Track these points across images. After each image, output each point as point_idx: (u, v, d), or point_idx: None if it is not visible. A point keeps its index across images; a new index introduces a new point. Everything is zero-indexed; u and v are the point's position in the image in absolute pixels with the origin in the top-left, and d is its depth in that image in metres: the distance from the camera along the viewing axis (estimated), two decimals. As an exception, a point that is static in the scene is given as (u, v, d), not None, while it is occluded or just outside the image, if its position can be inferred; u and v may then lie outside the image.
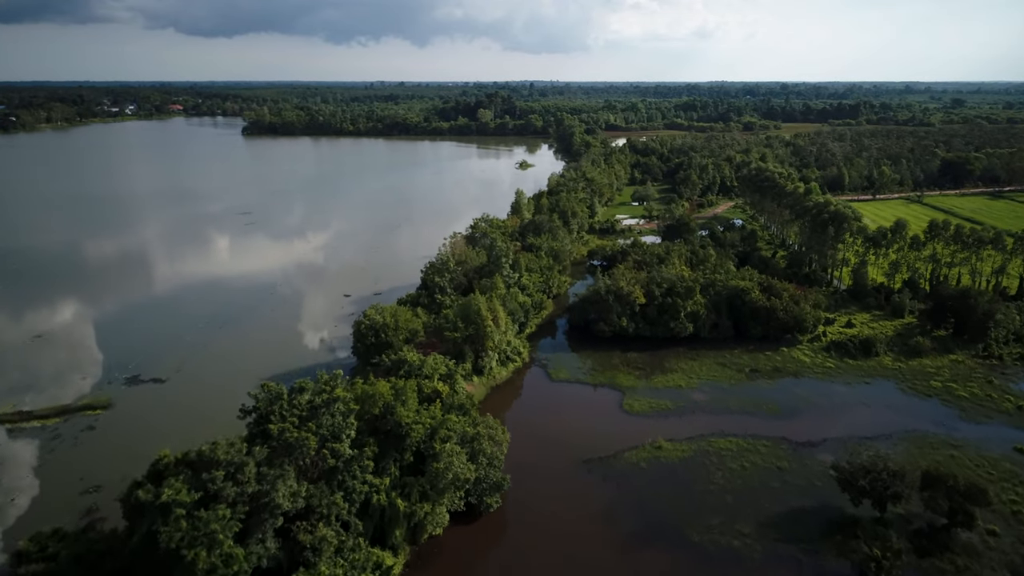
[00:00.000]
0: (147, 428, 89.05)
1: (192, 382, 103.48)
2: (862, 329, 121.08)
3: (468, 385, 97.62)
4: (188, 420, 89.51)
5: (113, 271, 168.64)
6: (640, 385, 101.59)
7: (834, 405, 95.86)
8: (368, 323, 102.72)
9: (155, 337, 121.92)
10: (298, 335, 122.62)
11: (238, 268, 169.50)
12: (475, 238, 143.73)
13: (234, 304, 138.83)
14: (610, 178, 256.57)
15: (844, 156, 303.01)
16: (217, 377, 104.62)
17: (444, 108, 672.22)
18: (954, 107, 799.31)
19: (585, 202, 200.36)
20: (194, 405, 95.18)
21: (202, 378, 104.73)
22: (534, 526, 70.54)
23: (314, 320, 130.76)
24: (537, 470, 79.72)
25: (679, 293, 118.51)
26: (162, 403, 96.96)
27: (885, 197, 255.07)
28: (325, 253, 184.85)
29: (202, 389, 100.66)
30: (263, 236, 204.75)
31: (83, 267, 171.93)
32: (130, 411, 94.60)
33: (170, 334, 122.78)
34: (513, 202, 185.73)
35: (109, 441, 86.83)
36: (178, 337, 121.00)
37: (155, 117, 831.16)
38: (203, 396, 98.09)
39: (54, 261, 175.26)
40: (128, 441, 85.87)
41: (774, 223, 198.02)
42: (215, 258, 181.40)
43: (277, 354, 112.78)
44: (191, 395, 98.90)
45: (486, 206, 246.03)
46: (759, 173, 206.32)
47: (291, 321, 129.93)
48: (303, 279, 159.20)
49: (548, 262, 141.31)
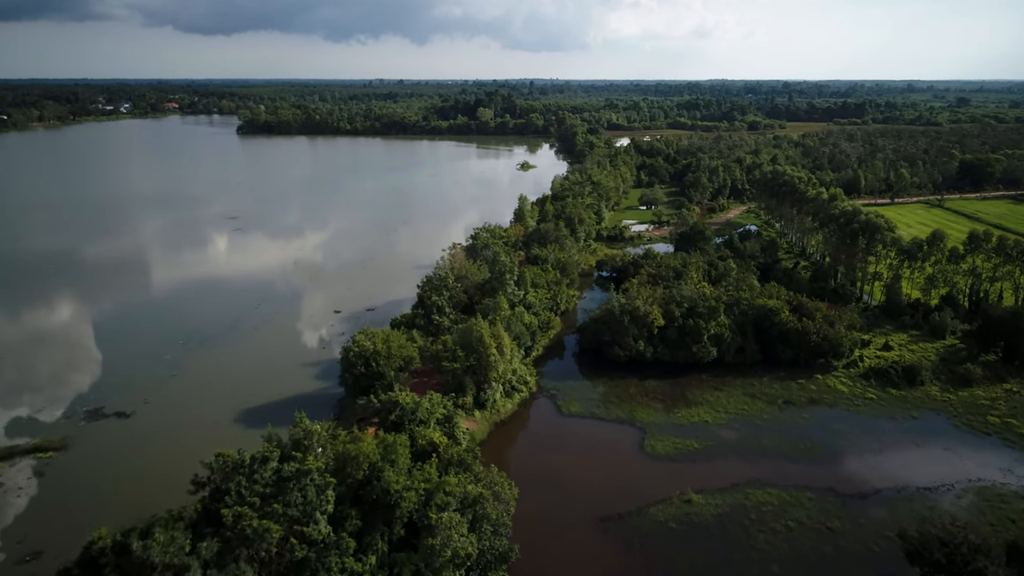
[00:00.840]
0: (101, 477, 78.07)
1: (160, 417, 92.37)
2: (902, 353, 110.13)
3: (469, 422, 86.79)
4: (149, 469, 78.46)
5: (82, 283, 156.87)
6: (662, 420, 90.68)
7: (881, 445, 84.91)
8: (357, 351, 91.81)
9: (125, 359, 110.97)
10: (282, 359, 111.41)
11: (221, 280, 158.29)
12: (476, 250, 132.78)
13: (215, 321, 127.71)
14: (616, 181, 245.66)
15: (858, 157, 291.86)
16: (188, 411, 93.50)
17: (443, 107, 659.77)
18: (959, 106, 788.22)
19: (592, 208, 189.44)
20: (159, 448, 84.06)
21: (171, 412, 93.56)
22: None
23: (300, 341, 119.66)
24: (548, 530, 68.76)
25: (701, 313, 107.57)
26: (123, 444, 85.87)
27: (904, 201, 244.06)
28: (316, 262, 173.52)
29: (170, 427, 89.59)
30: (250, 244, 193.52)
31: (48, 278, 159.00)
32: (86, 454, 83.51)
33: (142, 355, 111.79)
34: (516, 208, 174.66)
35: (57, 493, 75.78)
36: (151, 359, 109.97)
37: (150, 115, 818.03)
38: (170, 436, 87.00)
39: (17, 270, 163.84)
40: (78, 494, 74.88)
41: (792, 230, 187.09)
42: (197, 268, 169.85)
43: (257, 382, 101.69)
44: (157, 434, 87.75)
45: (486, 210, 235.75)
46: (776, 177, 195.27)
47: (275, 342, 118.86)
48: (291, 292, 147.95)
49: (555, 276, 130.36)
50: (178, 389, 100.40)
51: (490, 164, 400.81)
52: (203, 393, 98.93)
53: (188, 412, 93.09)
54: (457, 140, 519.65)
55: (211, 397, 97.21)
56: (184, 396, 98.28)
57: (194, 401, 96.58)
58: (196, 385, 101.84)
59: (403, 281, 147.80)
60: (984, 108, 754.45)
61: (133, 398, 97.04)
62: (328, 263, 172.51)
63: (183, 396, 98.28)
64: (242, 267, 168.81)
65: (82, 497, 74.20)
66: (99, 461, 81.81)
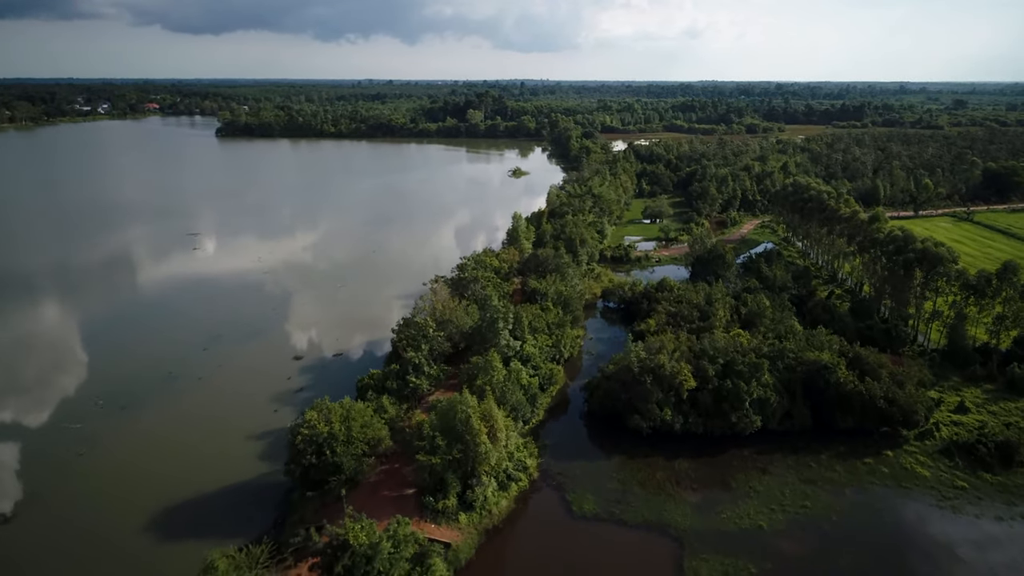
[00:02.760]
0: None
1: (51, 523, 70.78)
2: (983, 417, 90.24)
3: (451, 531, 65.90)
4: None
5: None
6: (702, 525, 70.03)
7: (996, 567, 64.57)
8: (307, 434, 70.65)
9: (17, 434, 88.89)
10: (222, 430, 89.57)
11: (165, 314, 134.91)
12: (463, 284, 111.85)
13: (147, 373, 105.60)
14: (618, 192, 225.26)
15: (874, 164, 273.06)
16: (81, 519, 71.46)
17: (432, 108, 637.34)
18: (956, 108, 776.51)
19: (595, 226, 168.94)
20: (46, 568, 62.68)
21: (67, 516, 71.88)
22: None
23: (249, 402, 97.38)
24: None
25: (740, 372, 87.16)
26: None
27: (928, 214, 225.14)
28: (281, 288, 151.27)
29: (61, 537, 68.09)
30: (207, 266, 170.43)
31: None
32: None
33: (45, 428, 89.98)
34: (510, 228, 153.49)
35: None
36: (54, 433, 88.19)
37: (129, 116, 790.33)
38: (60, 551, 65.54)
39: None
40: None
41: (818, 250, 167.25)
42: (136, 300, 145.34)
43: (185, 465, 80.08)
44: (45, 546, 66.29)
45: (477, 224, 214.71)
46: (798, 191, 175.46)
47: (216, 404, 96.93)
48: (248, 329, 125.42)
49: (557, 315, 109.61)
50: (77, 480, 78.55)
51: (480, 169, 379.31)
52: (110, 486, 77.09)
53: (80, 521, 71.09)
54: (446, 143, 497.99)
55: (118, 493, 75.47)
56: (81, 492, 76.35)
57: (92, 502, 74.56)
58: (103, 472, 79.92)
59: (378, 315, 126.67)
60: (982, 110, 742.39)
61: (25, 494, 75.43)
62: (295, 288, 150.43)
63: (80, 492, 76.34)
64: (194, 295, 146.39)
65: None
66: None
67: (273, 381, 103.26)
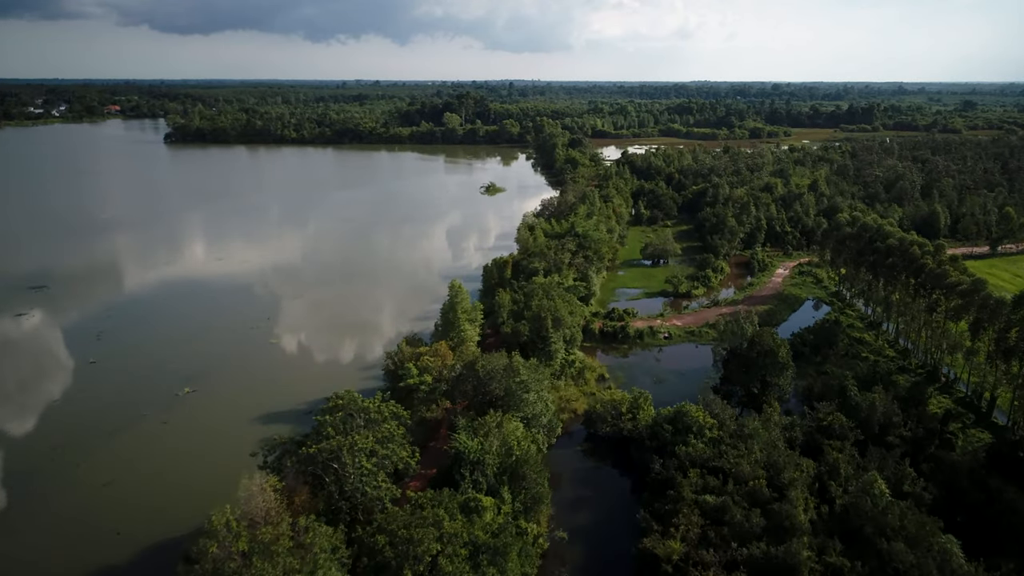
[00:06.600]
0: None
1: None
2: None
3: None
4: None
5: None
6: None
7: None
8: None
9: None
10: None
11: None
12: (311, 460, 60.68)
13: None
14: (610, 223, 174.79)
15: (923, 181, 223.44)
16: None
17: (408, 111, 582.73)
18: (965, 109, 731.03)
19: (576, 292, 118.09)
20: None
21: None
22: None
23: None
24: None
25: None
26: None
27: (1008, 250, 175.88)
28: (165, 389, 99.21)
29: None
30: (25, 346, 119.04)
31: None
32: None
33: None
34: (445, 305, 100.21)
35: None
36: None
37: (87, 119, 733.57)
38: None
39: None
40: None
41: (895, 319, 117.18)
42: None
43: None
44: None
45: (412, 286, 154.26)
46: (865, 233, 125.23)
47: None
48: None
49: (501, 518, 58.79)
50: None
51: (443, 183, 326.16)
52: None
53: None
54: (421, 151, 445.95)
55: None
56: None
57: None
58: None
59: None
60: (993, 112, 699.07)
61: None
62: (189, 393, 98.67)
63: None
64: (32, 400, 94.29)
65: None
66: None
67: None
